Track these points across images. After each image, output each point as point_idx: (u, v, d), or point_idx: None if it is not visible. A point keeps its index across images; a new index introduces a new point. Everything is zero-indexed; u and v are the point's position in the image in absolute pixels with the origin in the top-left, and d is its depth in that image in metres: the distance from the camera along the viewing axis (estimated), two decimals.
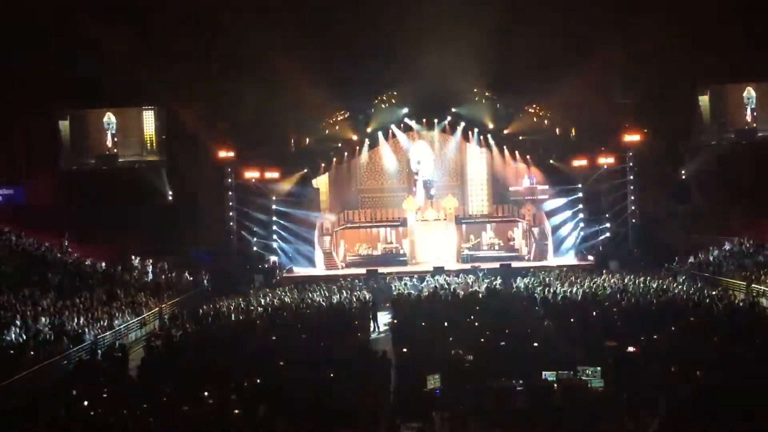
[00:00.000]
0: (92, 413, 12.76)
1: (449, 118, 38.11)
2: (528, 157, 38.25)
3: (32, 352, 17.38)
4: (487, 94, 37.46)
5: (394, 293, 26.87)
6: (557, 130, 37.40)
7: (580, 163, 36.88)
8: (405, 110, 37.45)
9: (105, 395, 13.83)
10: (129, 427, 11.98)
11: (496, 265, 32.12)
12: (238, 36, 32.27)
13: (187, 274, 30.21)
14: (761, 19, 31.17)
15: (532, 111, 37.51)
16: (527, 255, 36.68)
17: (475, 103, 37.38)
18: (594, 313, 20.25)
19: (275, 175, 36.91)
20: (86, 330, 20.00)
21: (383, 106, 37.63)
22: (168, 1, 31.56)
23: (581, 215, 37.24)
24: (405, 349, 16.81)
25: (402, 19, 32.96)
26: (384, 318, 23.97)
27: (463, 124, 38.15)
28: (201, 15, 31.74)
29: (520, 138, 37.82)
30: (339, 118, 37.58)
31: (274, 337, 18.71)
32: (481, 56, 32.79)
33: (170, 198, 36.52)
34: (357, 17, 32.83)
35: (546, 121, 37.37)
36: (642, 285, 25.28)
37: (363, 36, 33.11)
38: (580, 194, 37.38)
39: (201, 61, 33.50)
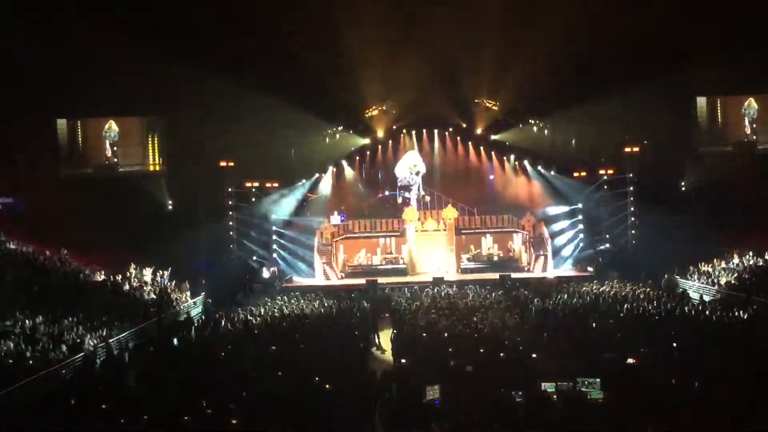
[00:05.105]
0: (90, 424, 12.72)
1: (450, 128, 38.58)
2: (529, 167, 38.62)
3: (30, 362, 17.35)
4: (488, 104, 37.77)
5: (394, 304, 26.82)
6: (558, 141, 37.69)
7: (580, 174, 37.16)
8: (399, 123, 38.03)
9: (103, 405, 13.78)
10: None
11: (496, 275, 32.18)
12: (239, 46, 32.40)
13: (186, 283, 30.14)
14: (761, 31, 31.30)
15: (533, 123, 37.80)
16: (527, 266, 36.68)
17: (476, 114, 37.74)
18: (593, 323, 20.24)
19: (275, 185, 37.24)
20: (85, 339, 19.97)
21: (381, 116, 38.12)
22: (169, 11, 31.67)
23: (580, 226, 37.48)
24: (404, 360, 16.78)
25: (399, 26, 33.27)
26: (383, 328, 23.90)
27: (461, 134, 38.56)
28: (202, 25, 31.86)
29: (521, 148, 38.22)
30: (339, 128, 38.01)
31: (273, 347, 18.68)
32: (480, 63, 33.18)
33: (170, 207, 36.60)
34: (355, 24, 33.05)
35: (546, 132, 37.67)
36: (642, 296, 25.30)
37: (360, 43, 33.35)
38: (580, 205, 37.63)
39: (202, 71, 33.61)
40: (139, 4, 31.79)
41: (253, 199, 37.58)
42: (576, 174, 37.45)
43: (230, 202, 36.52)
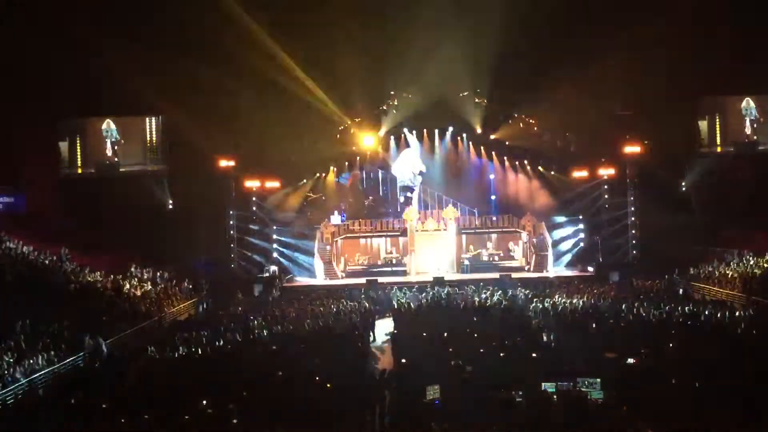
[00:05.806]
0: (91, 423, 12.72)
1: (450, 128, 38.64)
2: (529, 167, 38.63)
3: (31, 361, 17.37)
4: (488, 103, 37.82)
5: (394, 304, 26.82)
6: (558, 141, 37.71)
7: (580, 174, 37.15)
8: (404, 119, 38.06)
9: (104, 405, 13.79)
10: None
11: (496, 275, 32.18)
12: (239, 45, 32.40)
13: (186, 283, 30.16)
14: (761, 31, 31.30)
15: (533, 122, 37.81)
16: (527, 266, 36.65)
17: (474, 112, 37.82)
18: (593, 324, 20.24)
19: (276, 185, 37.24)
20: (84, 339, 19.97)
21: (382, 115, 38.22)
22: (169, 11, 31.66)
23: (581, 226, 37.51)
24: (404, 360, 16.79)
25: (399, 24, 33.29)
26: (384, 328, 23.90)
27: (463, 134, 38.62)
28: (203, 24, 31.86)
29: (520, 148, 38.27)
30: (341, 128, 38.02)
31: (273, 347, 18.69)
32: (481, 65, 33.17)
33: (171, 207, 36.59)
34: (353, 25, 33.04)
35: (547, 132, 37.68)
36: (641, 296, 25.30)
37: (359, 44, 33.33)
38: (580, 205, 37.65)
39: (203, 69, 33.61)
40: (138, 3, 31.83)
41: (254, 198, 37.58)
42: (576, 174, 37.44)
43: (231, 202, 36.51)
